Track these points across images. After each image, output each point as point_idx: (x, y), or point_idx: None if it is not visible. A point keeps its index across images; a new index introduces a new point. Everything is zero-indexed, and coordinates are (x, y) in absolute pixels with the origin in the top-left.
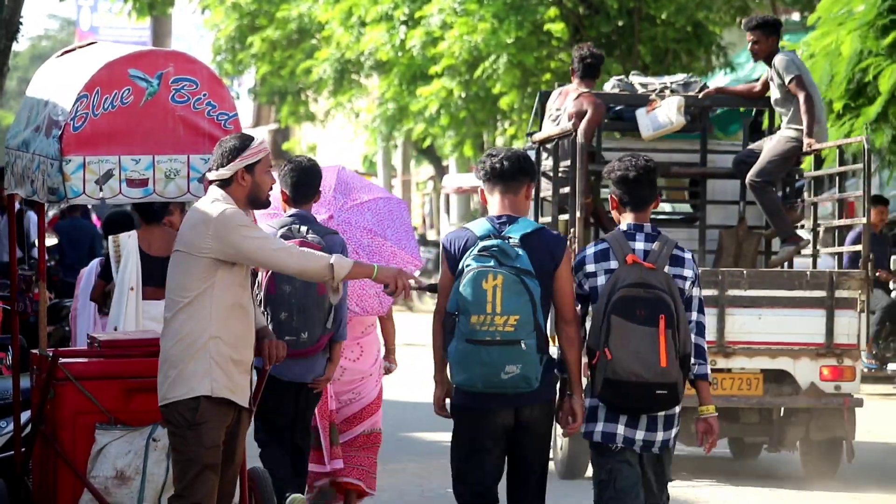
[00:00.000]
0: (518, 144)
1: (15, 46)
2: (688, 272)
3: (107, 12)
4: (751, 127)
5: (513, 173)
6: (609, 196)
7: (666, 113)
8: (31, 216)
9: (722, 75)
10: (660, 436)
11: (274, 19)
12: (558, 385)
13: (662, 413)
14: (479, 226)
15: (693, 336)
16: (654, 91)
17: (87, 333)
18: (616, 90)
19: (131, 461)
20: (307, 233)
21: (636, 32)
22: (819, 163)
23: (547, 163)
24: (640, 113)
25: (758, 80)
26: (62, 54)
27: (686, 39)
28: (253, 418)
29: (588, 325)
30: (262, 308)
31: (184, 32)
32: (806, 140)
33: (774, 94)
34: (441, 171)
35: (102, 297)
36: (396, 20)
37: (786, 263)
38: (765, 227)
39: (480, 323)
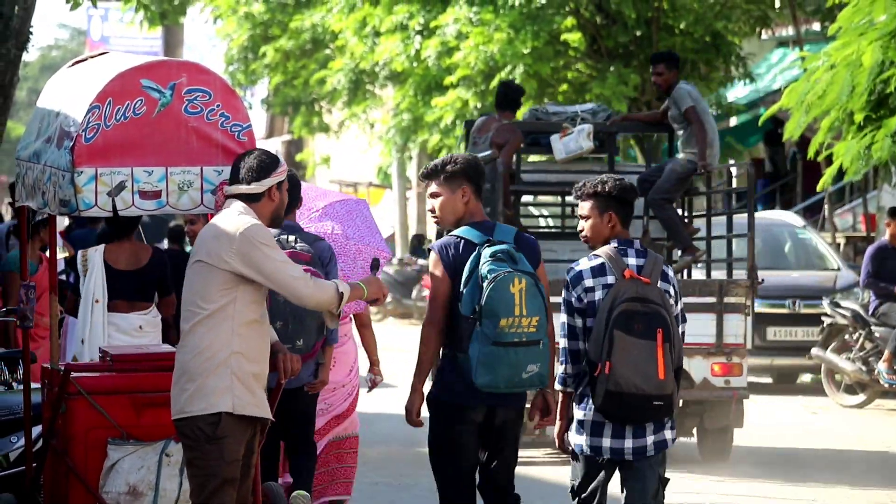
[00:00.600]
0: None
1: (25, 56)
2: (672, 288)
3: (118, 22)
4: (769, 135)
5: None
6: (597, 211)
7: (577, 139)
8: None
9: (741, 86)
10: (650, 439)
11: (287, 29)
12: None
13: (652, 423)
14: (467, 233)
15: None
16: (566, 119)
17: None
18: (534, 118)
19: (144, 476)
20: (296, 242)
21: (654, 42)
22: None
23: None
24: (554, 139)
25: (778, 90)
26: (73, 64)
27: (705, 50)
28: None
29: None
30: None
31: (196, 42)
32: (700, 163)
33: (672, 120)
34: None
35: (74, 310)
36: (411, 30)
37: (684, 272)
38: (666, 239)
39: (510, 325)
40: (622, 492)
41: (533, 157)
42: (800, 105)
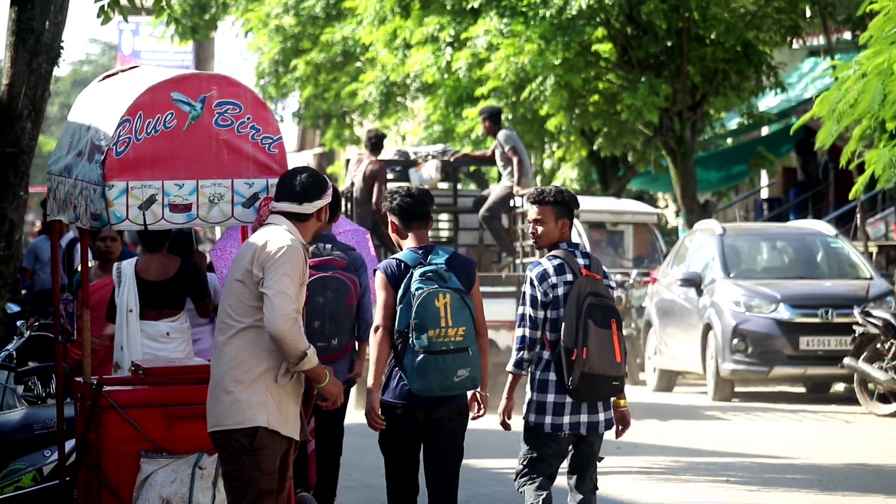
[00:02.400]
0: (566, 167)
1: (56, 71)
2: (612, 283)
3: (149, 36)
4: (800, 144)
5: (427, 211)
6: (546, 216)
7: (428, 171)
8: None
9: (773, 95)
10: (601, 416)
11: (318, 42)
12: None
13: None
14: (406, 256)
15: None
16: (421, 157)
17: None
18: (399, 156)
19: (177, 490)
20: (332, 250)
21: (685, 53)
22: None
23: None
24: (412, 172)
25: (810, 99)
26: (104, 78)
27: (736, 59)
28: None
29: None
30: None
31: (227, 56)
32: (515, 188)
33: (498, 157)
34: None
35: (114, 318)
36: (442, 42)
37: (509, 267)
38: (496, 245)
39: (437, 336)
40: (570, 459)
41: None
42: (831, 114)
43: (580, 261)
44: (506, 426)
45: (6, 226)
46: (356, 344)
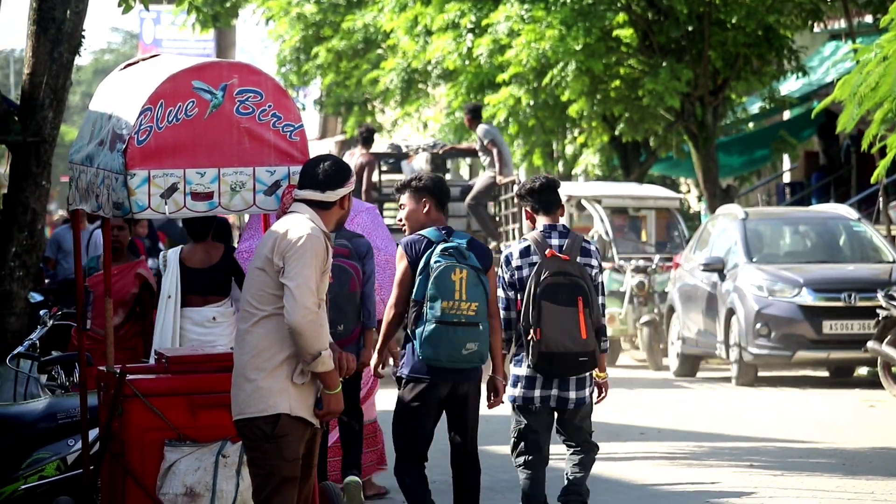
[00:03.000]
0: (588, 152)
1: (78, 60)
2: (594, 261)
3: (170, 25)
4: (822, 128)
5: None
6: (524, 210)
7: (419, 163)
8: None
9: (794, 79)
10: (573, 395)
11: (339, 30)
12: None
13: (575, 377)
14: (430, 233)
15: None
16: (412, 149)
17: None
18: (392, 149)
19: (201, 478)
20: (335, 238)
21: (706, 37)
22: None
23: None
24: (404, 164)
25: (831, 83)
26: (125, 67)
27: (757, 44)
28: None
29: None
30: None
31: (248, 44)
32: (497, 177)
33: (480, 150)
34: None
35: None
36: (463, 28)
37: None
38: (482, 231)
39: (450, 308)
40: (560, 435)
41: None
42: (853, 97)
43: (554, 241)
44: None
45: (28, 215)
46: (363, 331)
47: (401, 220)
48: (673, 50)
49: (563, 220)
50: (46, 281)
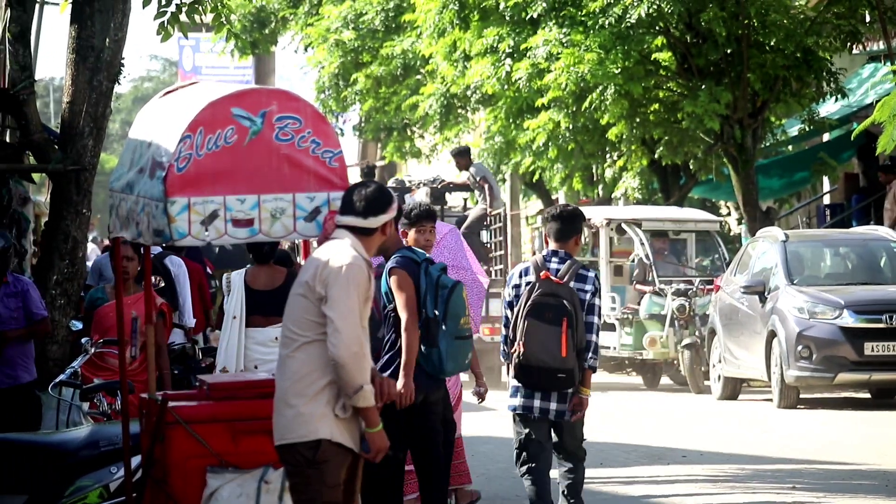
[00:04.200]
0: (628, 175)
1: (117, 88)
2: (588, 287)
3: (209, 52)
4: (862, 150)
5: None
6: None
7: (420, 196)
8: (180, 267)
9: (833, 101)
10: (553, 406)
11: (378, 55)
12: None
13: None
14: (410, 253)
15: (589, 335)
16: (414, 184)
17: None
18: (397, 184)
19: None
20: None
21: (745, 60)
22: None
23: None
24: (407, 197)
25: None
26: (164, 95)
27: (796, 66)
28: None
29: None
30: None
31: (287, 71)
32: (488, 209)
33: (473, 186)
34: (550, 204)
35: (220, 325)
36: (502, 52)
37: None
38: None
39: (464, 323)
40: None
41: None
42: (892, 118)
43: (552, 265)
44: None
45: (69, 243)
46: None
47: None
48: (712, 73)
49: (603, 244)
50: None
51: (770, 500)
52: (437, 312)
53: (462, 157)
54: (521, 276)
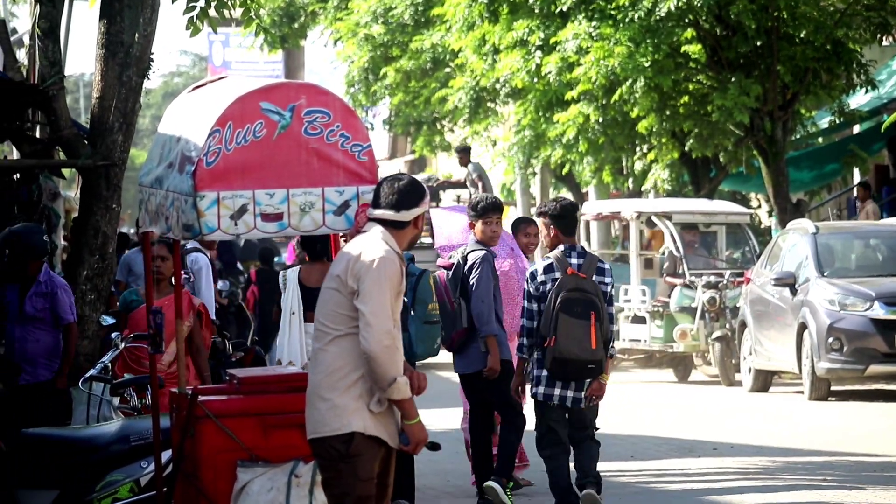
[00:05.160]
0: (657, 168)
1: (147, 84)
2: (608, 279)
3: (238, 47)
4: (892, 141)
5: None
6: (548, 227)
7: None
8: (194, 263)
9: (863, 93)
10: (570, 394)
11: (407, 50)
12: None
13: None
14: None
15: (611, 325)
16: None
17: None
18: None
19: (274, 498)
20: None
21: (775, 52)
22: None
23: None
24: None
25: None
26: (193, 89)
27: (826, 58)
28: None
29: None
30: None
31: (317, 65)
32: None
33: (468, 184)
34: (580, 197)
35: (279, 321)
36: (531, 46)
37: None
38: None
39: (432, 309)
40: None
41: None
42: None
43: (573, 261)
44: (517, 398)
45: (99, 239)
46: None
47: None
48: (741, 65)
49: (633, 237)
50: (118, 304)
51: (801, 492)
52: (405, 299)
53: (465, 153)
54: (545, 273)
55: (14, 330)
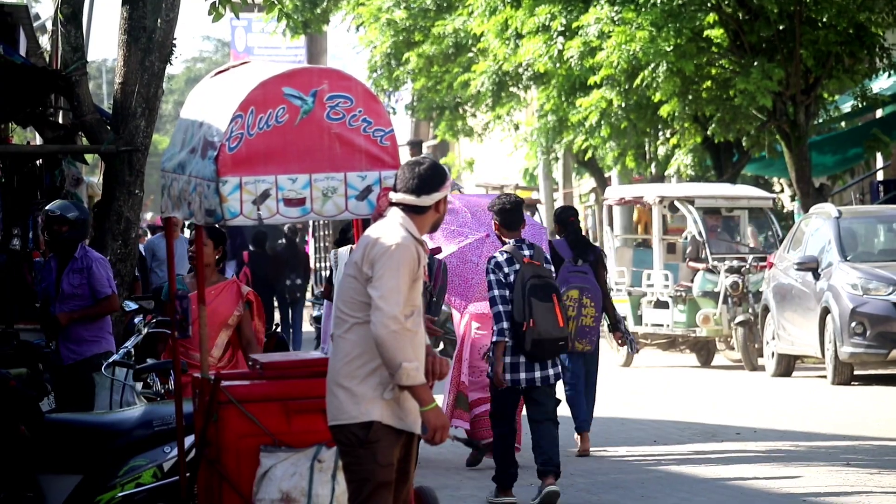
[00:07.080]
0: (680, 153)
1: (169, 69)
2: (550, 266)
3: (261, 32)
4: None
5: None
6: (493, 222)
7: None
8: None
9: (886, 77)
10: (550, 371)
11: (429, 34)
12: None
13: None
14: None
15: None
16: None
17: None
18: None
19: (297, 483)
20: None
21: (797, 36)
22: None
23: None
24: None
25: None
26: (215, 75)
27: (848, 42)
28: None
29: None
30: None
31: (339, 51)
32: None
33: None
34: (603, 182)
35: (331, 297)
36: (553, 31)
37: None
38: None
39: None
40: (527, 409)
41: None
42: None
43: (525, 252)
44: (500, 383)
45: (122, 224)
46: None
47: None
48: (764, 49)
49: (656, 221)
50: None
51: (824, 476)
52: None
53: (415, 147)
54: (508, 265)
55: (55, 309)
